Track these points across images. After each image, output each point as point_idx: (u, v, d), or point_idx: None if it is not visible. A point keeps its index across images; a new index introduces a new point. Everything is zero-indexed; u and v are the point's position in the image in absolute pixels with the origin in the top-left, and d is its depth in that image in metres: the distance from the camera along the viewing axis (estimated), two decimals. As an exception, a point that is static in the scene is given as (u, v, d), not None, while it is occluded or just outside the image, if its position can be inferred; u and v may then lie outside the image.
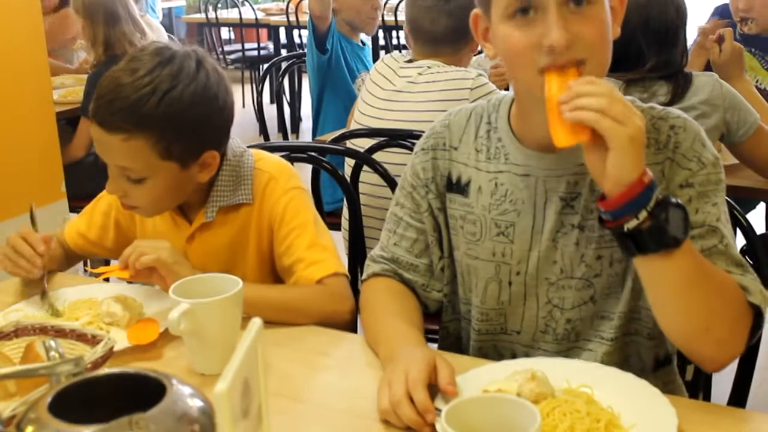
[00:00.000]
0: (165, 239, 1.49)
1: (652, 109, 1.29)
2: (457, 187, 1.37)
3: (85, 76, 3.51)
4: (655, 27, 2.09)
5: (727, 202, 1.30)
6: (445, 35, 2.27)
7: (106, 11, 3.33)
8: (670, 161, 1.25)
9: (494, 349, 1.40)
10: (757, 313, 1.18)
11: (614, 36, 1.21)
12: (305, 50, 6.83)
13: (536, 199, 1.29)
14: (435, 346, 1.71)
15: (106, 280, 3.32)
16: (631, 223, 1.09)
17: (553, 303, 1.32)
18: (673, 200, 1.10)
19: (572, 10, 1.15)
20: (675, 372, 1.40)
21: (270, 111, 5.38)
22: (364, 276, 1.47)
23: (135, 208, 1.56)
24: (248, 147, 1.65)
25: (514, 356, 1.36)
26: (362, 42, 3.38)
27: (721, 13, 3.17)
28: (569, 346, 1.34)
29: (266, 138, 3.30)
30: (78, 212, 3.18)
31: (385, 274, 1.44)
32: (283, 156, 1.83)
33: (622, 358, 1.32)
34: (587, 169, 1.14)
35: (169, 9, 8.34)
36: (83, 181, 3.12)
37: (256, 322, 0.87)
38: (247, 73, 7.16)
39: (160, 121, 1.43)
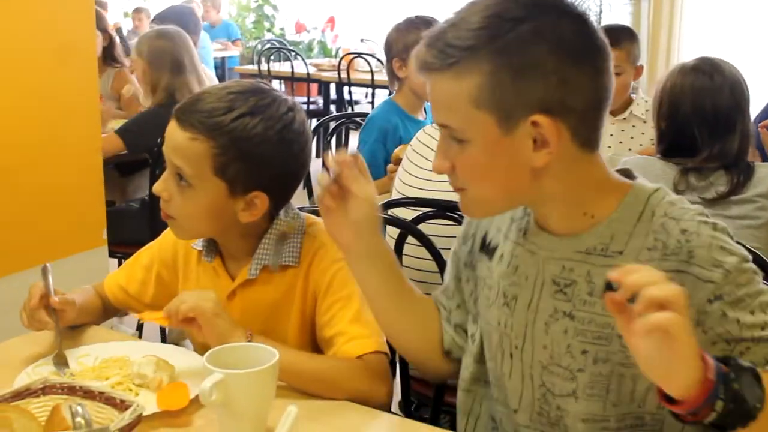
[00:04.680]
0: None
1: (671, 206, 1.20)
2: (486, 249, 1.38)
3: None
4: (706, 114, 2.02)
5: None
6: None
7: (173, 60, 3.36)
8: (683, 274, 1.14)
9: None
10: None
11: (537, 164, 1.16)
12: (355, 109, 6.76)
13: (536, 278, 1.27)
14: None
15: (140, 330, 3.27)
16: (711, 417, 1.00)
17: (546, 386, 1.28)
18: (741, 365, 1.01)
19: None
20: None
21: (315, 164, 5.38)
22: None
23: (171, 219, 1.54)
24: (300, 209, 1.62)
25: None
26: (425, 110, 3.26)
27: None
28: None
29: (309, 191, 3.28)
30: (118, 258, 3.19)
31: None
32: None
33: None
34: (585, 257, 1.19)
35: (222, 59, 8.46)
36: (124, 229, 3.13)
37: (292, 411, 0.83)
38: (295, 126, 7.22)
39: (226, 136, 1.46)
